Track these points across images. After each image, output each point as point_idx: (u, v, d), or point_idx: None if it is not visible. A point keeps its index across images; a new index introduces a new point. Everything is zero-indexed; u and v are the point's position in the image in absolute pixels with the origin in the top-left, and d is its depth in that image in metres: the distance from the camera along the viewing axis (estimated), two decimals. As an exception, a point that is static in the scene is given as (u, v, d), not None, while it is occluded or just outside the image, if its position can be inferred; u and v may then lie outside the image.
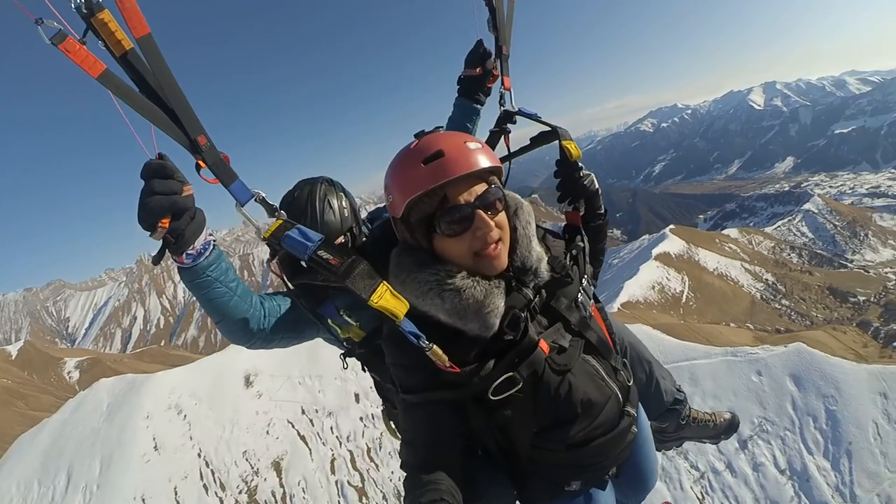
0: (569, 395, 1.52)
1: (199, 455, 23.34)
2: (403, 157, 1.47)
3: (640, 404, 2.06)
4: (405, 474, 1.46)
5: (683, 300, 57.32)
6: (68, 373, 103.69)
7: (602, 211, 2.06)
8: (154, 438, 23.62)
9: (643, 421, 2.10)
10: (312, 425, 25.10)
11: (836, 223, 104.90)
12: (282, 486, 22.86)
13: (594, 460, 1.63)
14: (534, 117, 2.25)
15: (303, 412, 25.16)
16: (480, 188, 1.45)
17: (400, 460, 1.55)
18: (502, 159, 2.17)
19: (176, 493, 22.02)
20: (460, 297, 1.43)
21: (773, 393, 21.16)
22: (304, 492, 22.66)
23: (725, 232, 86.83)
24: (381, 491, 22.82)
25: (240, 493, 22.50)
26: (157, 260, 1.52)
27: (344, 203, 2.23)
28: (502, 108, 2.36)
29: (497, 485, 1.64)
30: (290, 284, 1.78)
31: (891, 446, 18.62)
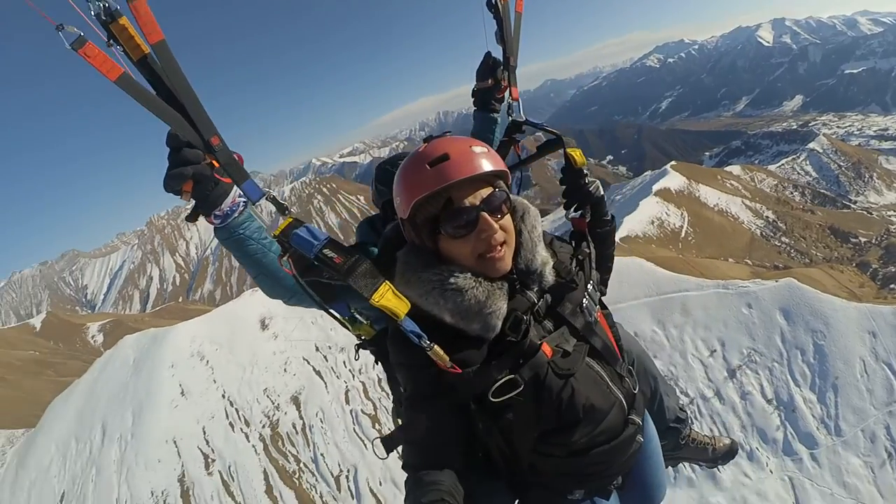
0: (571, 399, 1.52)
1: (223, 396, 24.86)
2: (411, 160, 1.51)
3: (648, 416, 2.08)
4: (406, 474, 1.49)
5: (682, 235, 56.91)
6: (92, 337, 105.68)
7: (608, 217, 2.09)
8: (180, 385, 25.09)
9: (650, 431, 2.10)
10: (326, 361, 26.30)
11: (841, 164, 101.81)
12: (301, 418, 24.37)
13: (597, 468, 1.64)
14: (540, 127, 2.29)
15: (317, 349, 26.35)
16: (486, 192, 1.48)
17: (402, 461, 1.57)
18: (513, 167, 2.30)
19: (204, 433, 23.54)
20: (463, 297, 1.45)
21: (763, 325, 21.61)
22: (321, 422, 24.08)
23: (728, 169, 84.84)
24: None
25: (263, 427, 24.05)
26: (191, 217, 1.59)
27: None
28: (511, 119, 2.41)
29: (497, 493, 1.66)
30: (301, 281, 1.75)
31: (877, 384, 19.05)
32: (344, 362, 25.71)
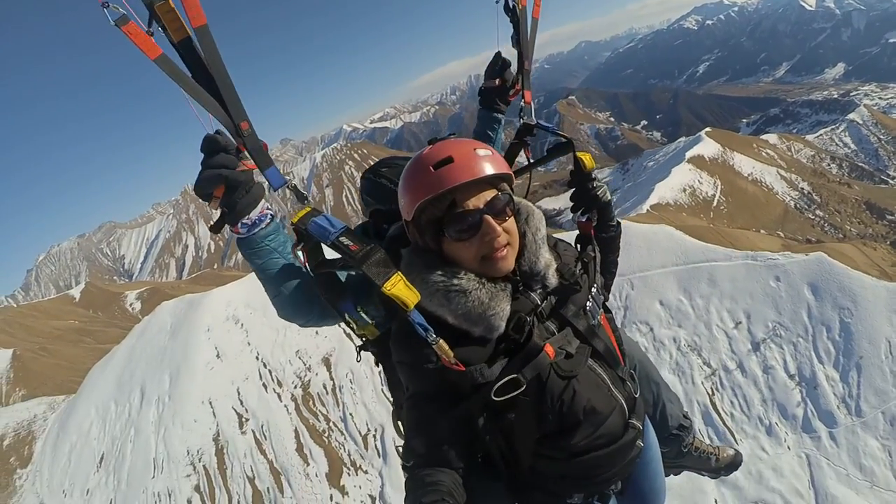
0: (572, 400, 1.52)
1: (258, 358, 25.79)
2: (415, 163, 1.52)
3: (648, 421, 2.06)
4: (406, 475, 1.49)
5: (714, 204, 55.78)
6: (130, 304, 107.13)
7: (614, 223, 2.11)
8: (216, 348, 26.05)
9: (651, 438, 2.08)
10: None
11: (881, 136, 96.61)
12: (331, 378, 25.23)
13: (596, 471, 1.63)
14: (551, 130, 2.31)
15: (348, 312, 27.38)
16: (489, 194, 1.49)
17: (402, 460, 1.59)
18: (521, 170, 2.33)
19: (239, 394, 24.50)
20: (466, 298, 1.47)
21: (790, 299, 21.38)
22: (351, 383, 24.88)
23: (764, 137, 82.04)
24: None
25: (295, 388, 25.00)
26: (215, 228, 1.63)
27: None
28: (522, 121, 2.40)
29: (497, 495, 1.66)
30: (314, 273, 1.75)
31: None
32: None
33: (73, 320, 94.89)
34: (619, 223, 2.14)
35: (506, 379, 1.44)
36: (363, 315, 1.88)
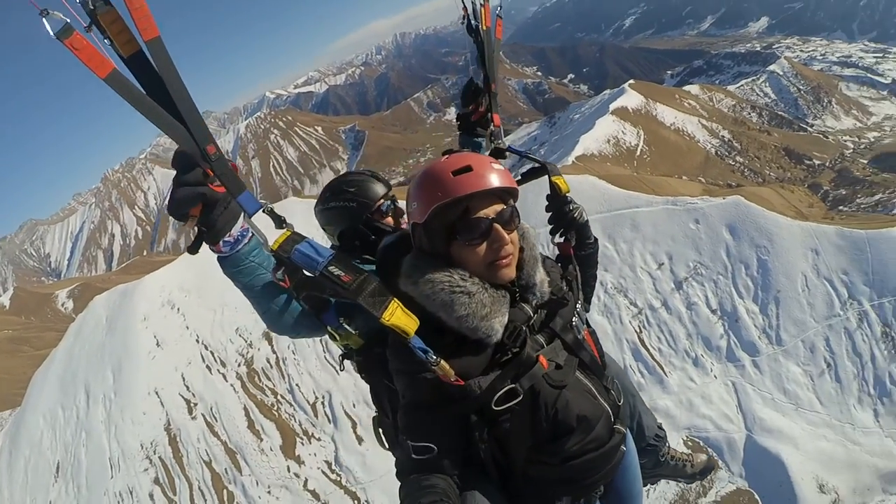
0: (566, 409, 1.57)
1: (198, 341, 25.49)
2: (434, 168, 1.56)
3: (627, 429, 2.09)
4: (401, 481, 1.51)
5: (638, 154, 56.95)
6: (62, 304, 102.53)
7: (591, 240, 2.17)
8: (155, 336, 25.56)
9: (630, 444, 2.12)
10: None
11: (801, 87, 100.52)
12: (274, 352, 25.24)
13: (585, 475, 1.68)
14: (524, 154, 2.35)
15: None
16: (499, 206, 1.55)
17: (396, 468, 1.61)
18: None
19: (184, 379, 24.27)
20: (470, 300, 1.49)
21: (709, 240, 22.57)
22: (294, 354, 24.98)
23: (686, 88, 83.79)
24: None
25: (239, 366, 24.91)
26: (193, 250, 1.55)
27: (377, 189, 2.43)
28: (493, 145, 2.44)
29: (490, 498, 1.65)
30: (295, 294, 1.69)
31: (818, 299, 20.18)
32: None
33: (6, 330, 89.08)
34: (596, 240, 2.19)
35: (505, 389, 1.48)
36: (346, 326, 1.89)
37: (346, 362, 2.31)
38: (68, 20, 1.14)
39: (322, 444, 22.97)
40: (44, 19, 1.12)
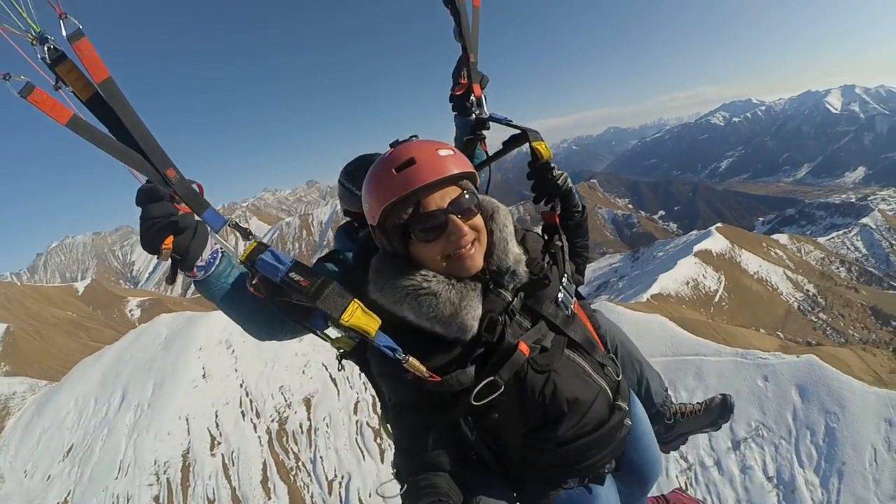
0: (554, 394, 1.51)
1: (241, 385, 26.05)
2: (377, 166, 1.51)
3: (635, 397, 2.06)
4: (400, 483, 1.48)
5: (716, 299, 55.82)
6: (130, 311, 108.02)
7: (579, 208, 2.06)
8: (203, 367, 26.35)
9: (639, 413, 2.06)
10: (343, 370, 26.59)
11: (893, 242, 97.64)
12: (309, 419, 25.35)
13: (587, 456, 1.61)
14: (504, 122, 2.25)
15: (337, 358, 27.55)
16: (454, 193, 1.48)
17: (394, 471, 1.58)
18: (479, 165, 2.29)
19: (216, 416, 24.63)
20: (437, 300, 1.45)
21: (776, 400, 21.25)
22: (327, 427, 24.97)
23: (775, 237, 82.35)
24: None
25: (272, 421, 25.06)
26: (170, 279, 1.57)
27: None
28: (475, 116, 2.34)
29: (494, 489, 1.64)
30: (273, 302, 1.65)
31: (885, 475, 18.44)
32: (360, 374, 26.40)
33: (71, 312, 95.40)
34: (584, 207, 2.09)
35: (483, 383, 1.44)
36: (335, 329, 1.92)
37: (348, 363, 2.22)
38: (29, 80, 1.27)
39: (326, 524, 22.45)
40: (7, 83, 1.25)
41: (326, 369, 27.12)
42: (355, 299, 1.44)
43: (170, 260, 1.46)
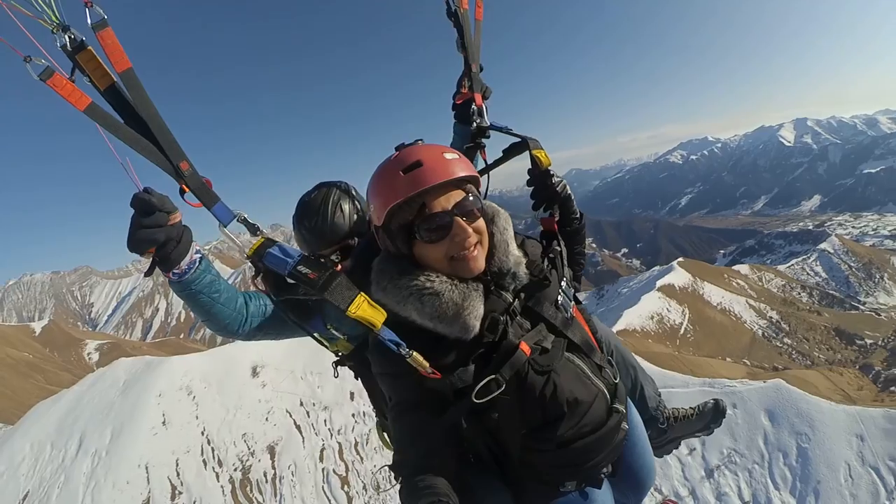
0: (554, 394, 1.53)
1: (203, 433, 25.03)
2: (384, 168, 1.53)
3: (631, 403, 2.09)
4: (399, 484, 1.48)
5: (682, 332, 56.82)
6: (88, 354, 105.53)
7: (577, 215, 2.09)
8: (163, 414, 25.28)
9: (635, 418, 2.10)
10: (308, 416, 26.60)
11: (851, 264, 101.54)
12: (274, 468, 24.47)
13: (586, 458, 1.64)
14: (505, 130, 2.28)
15: (301, 404, 26.68)
16: (458, 196, 1.50)
17: (393, 472, 1.56)
18: (480, 172, 2.22)
19: (177, 465, 23.54)
20: (440, 300, 1.47)
21: (746, 426, 21.23)
22: (293, 475, 24.14)
23: (736, 268, 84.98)
24: (363, 481, 23.76)
25: (235, 470, 24.11)
26: (148, 273, 1.61)
27: (354, 208, 2.31)
28: (475, 124, 2.38)
29: (494, 491, 1.66)
30: (275, 300, 1.73)
31: (862, 489, 18.42)
32: (325, 420, 26.07)
33: (28, 353, 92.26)
34: (582, 215, 2.12)
35: (485, 381, 1.46)
36: (333, 332, 1.92)
37: (344, 369, 2.29)
38: (48, 64, 1.28)
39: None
40: (27, 65, 1.26)
41: (290, 416, 26.48)
42: (362, 293, 1.48)
43: (150, 260, 1.54)
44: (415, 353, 1.44)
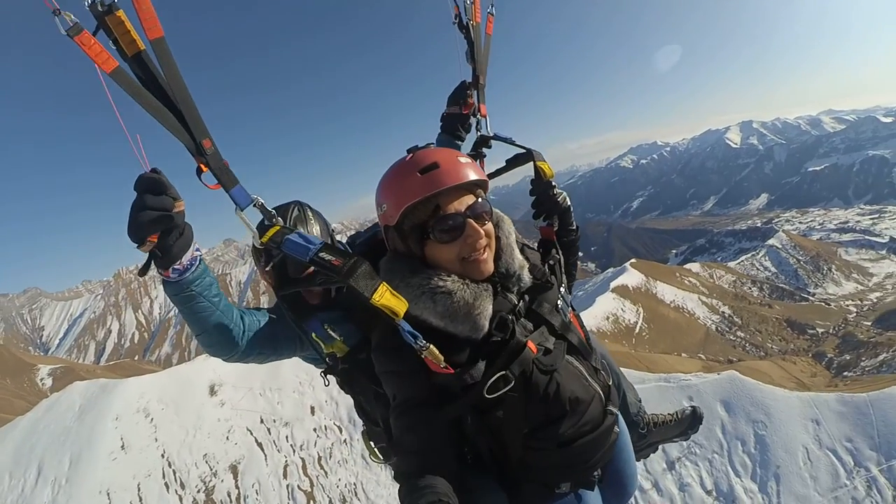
0: (557, 393, 1.57)
1: (163, 456, 24.33)
2: (399, 168, 1.56)
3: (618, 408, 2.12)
4: (399, 484, 1.47)
5: (637, 331, 57.85)
6: (41, 379, 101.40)
7: (574, 227, 2.13)
8: (122, 438, 24.47)
9: (622, 424, 2.12)
10: (269, 434, 26.18)
11: (800, 258, 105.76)
12: (237, 487, 23.96)
13: (582, 458, 1.67)
14: (509, 141, 2.31)
15: (261, 421, 26.25)
16: (470, 199, 1.55)
17: (393, 471, 1.57)
18: None
19: (139, 490, 22.81)
20: (452, 299, 1.50)
21: (703, 417, 21.91)
22: (257, 494, 23.72)
23: (687, 266, 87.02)
24: (329, 496, 23.53)
25: (198, 492, 23.52)
26: (143, 271, 1.52)
27: (313, 229, 2.16)
28: (479, 134, 2.43)
29: (491, 491, 1.66)
30: (278, 293, 1.70)
31: (821, 470, 19.20)
32: (287, 437, 25.75)
33: None
34: (578, 227, 2.17)
35: (496, 376, 1.48)
36: (330, 332, 1.89)
37: (331, 379, 2.21)
38: (78, 20, 1.22)
39: None
40: (56, 18, 1.20)
41: (251, 434, 26.02)
42: (384, 282, 1.46)
43: (148, 254, 1.44)
44: (431, 347, 1.46)
